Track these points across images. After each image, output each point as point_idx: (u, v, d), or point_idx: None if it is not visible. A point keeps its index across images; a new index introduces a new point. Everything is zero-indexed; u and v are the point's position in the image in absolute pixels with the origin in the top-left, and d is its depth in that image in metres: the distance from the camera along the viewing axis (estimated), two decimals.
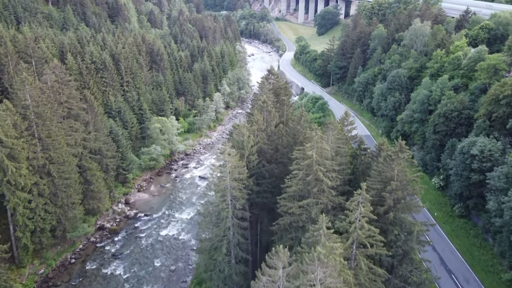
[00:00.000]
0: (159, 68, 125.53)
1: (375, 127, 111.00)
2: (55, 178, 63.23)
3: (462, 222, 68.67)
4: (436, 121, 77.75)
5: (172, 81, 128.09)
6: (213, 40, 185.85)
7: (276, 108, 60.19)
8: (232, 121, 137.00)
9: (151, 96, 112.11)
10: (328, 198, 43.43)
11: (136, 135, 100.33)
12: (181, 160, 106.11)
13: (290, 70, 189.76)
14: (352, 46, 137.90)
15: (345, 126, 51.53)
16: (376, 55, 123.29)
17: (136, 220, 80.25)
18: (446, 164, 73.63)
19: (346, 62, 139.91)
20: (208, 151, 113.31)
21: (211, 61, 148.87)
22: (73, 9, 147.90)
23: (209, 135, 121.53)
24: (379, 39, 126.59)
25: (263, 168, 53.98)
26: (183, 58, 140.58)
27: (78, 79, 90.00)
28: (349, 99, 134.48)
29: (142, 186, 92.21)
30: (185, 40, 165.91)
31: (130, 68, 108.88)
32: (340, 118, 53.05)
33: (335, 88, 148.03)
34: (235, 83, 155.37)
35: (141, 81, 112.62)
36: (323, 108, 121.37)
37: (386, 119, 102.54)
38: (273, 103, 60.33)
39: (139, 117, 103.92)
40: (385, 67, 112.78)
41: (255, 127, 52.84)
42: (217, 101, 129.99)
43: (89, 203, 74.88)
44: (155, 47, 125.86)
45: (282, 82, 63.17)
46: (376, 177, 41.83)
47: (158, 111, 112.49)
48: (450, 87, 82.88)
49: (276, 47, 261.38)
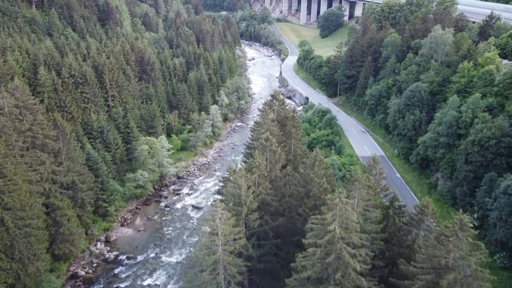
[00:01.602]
0: (149, 78, 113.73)
1: (389, 147, 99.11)
2: (10, 228, 51.49)
3: (506, 276, 56.90)
4: (469, 150, 65.95)
5: (165, 92, 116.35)
6: (211, 45, 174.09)
7: (281, 143, 48.59)
8: (231, 136, 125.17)
9: (140, 112, 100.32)
10: (355, 284, 31.75)
11: (122, 158, 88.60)
12: (173, 185, 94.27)
13: (293, 77, 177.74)
14: (362, 54, 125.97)
15: (372, 175, 39.73)
16: (389, 64, 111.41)
17: (116, 264, 68.53)
18: (482, 203, 61.88)
19: (355, 70, 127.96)
20: (203, 172, 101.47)
21: (208, 69, 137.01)
22: (59, 13, 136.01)
23: (205, 153, 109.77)
24: (392, 47, 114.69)
25: (266, 226, 42.34)
26: (178, 66, 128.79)
27: (52, 97, 78.39)
28: (359, 111, 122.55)
29: (126, 218, 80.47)
30: (181, 45, 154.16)
31: (116, 80, 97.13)
32: (366, 164, 41.25)
33: (343, 99, 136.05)
34: (234, 92, 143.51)
35: (128, 94, 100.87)
36: (331, 123, 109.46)
37: (404, 139, 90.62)
38: (278, 137, 48.73)
39: (125, 136, 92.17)
40: (401, 79, 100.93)
41: (256, 174, 41.11)
42: (214, 114, 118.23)
43: (59, 247, 63.20)
44: (146, 55, 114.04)
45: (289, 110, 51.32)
46: (425, 262, 30.07)
47: (147, 128, 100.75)
48: (483, 107, 71.12)
49: (277, 50, 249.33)
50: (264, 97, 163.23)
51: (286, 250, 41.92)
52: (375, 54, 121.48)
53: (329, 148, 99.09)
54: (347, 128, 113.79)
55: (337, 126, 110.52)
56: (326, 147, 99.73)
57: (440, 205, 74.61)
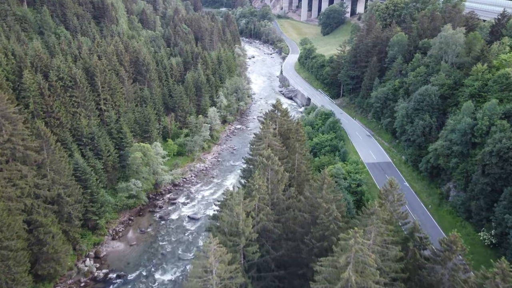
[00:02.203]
0: (144, 80, 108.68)
1: (397, 152, 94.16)
2: None
3: None
4: (486, 161, 61.02)
5: (161, 94, 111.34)
6: (210, 43, 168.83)
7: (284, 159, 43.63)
8: (230, 139, 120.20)
9: (134, 115, 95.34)
10: None
11: (114, 165, 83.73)
12: (168, 193, 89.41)
13: (295, 76, 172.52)
14: (366, 54, 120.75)
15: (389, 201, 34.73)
16: (396, 65, 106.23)
17: (105, 283, 63.75)
18: (502, 219, 57.04)
19: (360, 71, 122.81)
20: (200, 179, 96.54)
21: (206, 70, 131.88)
22: (52, 10, 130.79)
23: (203, 159, 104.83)
24: (399, 47, 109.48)
25: (268, 256, 37.38)
26: (175, 66, 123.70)
27: (38, 102, 73.39)
28: (363, 114, 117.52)
29: (117, 231, 75.65)
30: (178, 44, 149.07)
31: (108, 83, 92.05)
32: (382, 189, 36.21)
33: (346, 100, 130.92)
34: (233, 93, 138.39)
35: (122, 97, 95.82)
36: (334, 127, 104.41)
37: (413, 145, 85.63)
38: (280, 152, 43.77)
39: (118, 142, 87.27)
40: (408, 81, 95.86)
41: (256, 198, 36.16)
42: (212, 117, 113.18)
43: (43, 267, 58.46)
44: (141, 56, 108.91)
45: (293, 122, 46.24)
46: None
47: (142, 132, 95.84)
48: (501, 114, 66.10)
49: (278, 48, 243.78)
50: (264, 98, 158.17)
51: (290, 283, 37.15)
52: (380, 54, 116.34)
53: (332, 154, 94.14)
54: (351, 131, 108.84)
55: (341, 129, 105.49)
56: (329, 152, 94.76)
57: (452, 217, 69.81)
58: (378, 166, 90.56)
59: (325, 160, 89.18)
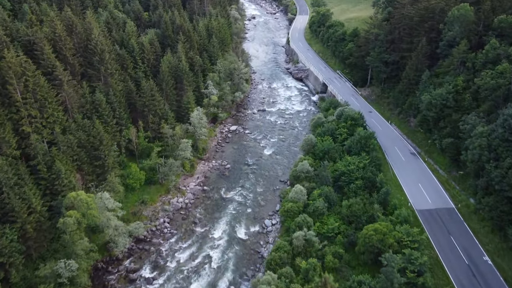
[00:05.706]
0: (99, 75, 76.86)
1: (460, 190, 64.39)
2: None
3: None
4: None
5: (124, 93, 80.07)
6: (200, 5, 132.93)
7: None
8: (221, 149, 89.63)
9: (77, 138, 64.88)
10: None
11: (40, 225, 54.90)
12: (127, 259, 60.97)
13: (305, 49, 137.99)
14: (410, 32, 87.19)
15: None
16: (457, 52, 73.82)
17: None
18: None
19: (398, 56, 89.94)
20: (177, 227, 67.82)
21: (190, 50, 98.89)
22: None
23: (181, 189, 75.54)
24: (461, 25, 76.32)
25: None
26: (147, 48, 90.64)
27: None
28: (403, 117, 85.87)
29: None
30: (158, 8, 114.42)
31: (34, 90, 60.92)
32: None
33: (377, 92, 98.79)
34: (227, 79, 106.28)
35: (58, 110, 64.87)
36: (367, 143, 73.79)
37: (498, 197, 55.33)
38: None
39: (49, 186, 57.99)
40: (481, 83, 64.43)
41: None
42: (195, 124, 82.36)
43: None
44: (93, 39, 76.27)
45: None
46: None
47: (91, 159, 66.03)
48: None
49: (283, 6, 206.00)
50: (267, 79, 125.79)
51: None
52: (431, 33, 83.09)
53: (367, 192, 64.68)
54: (388, 145, 78.62)
55: (376, 149, 74.97)
56: (362, 189, 65.24)
57: None
58: (436, 215, 61.34)
59: (357, 207, 59.95)
